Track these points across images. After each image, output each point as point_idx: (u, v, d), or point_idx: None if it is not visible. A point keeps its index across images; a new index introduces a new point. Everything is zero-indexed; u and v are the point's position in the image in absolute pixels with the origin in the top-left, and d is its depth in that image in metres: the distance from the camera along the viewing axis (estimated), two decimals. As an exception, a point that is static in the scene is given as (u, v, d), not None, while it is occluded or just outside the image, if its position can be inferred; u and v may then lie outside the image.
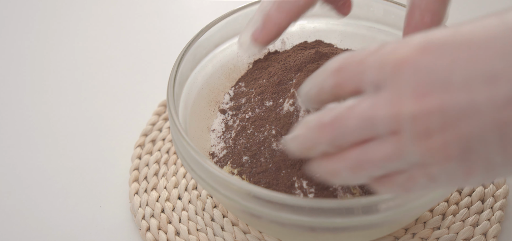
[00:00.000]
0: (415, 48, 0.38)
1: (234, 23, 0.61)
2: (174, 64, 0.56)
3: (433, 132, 0.37)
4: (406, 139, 0.38)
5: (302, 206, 0.46)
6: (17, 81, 0.75)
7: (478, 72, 0.36)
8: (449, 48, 0.37)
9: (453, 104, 0.37)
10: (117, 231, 0.58)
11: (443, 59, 0.37)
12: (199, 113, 0.59)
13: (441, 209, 0.57)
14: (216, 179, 0.49)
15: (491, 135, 0.36)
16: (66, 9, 0.85)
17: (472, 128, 0.36)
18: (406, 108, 0.38)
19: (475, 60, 0.36)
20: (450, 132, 0.37)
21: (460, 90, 0.36)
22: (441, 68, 0.37)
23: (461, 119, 0.37)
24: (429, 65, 0.37)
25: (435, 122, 0.37)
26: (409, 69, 0.38)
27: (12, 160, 0.65)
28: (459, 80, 0.36)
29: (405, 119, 0.38)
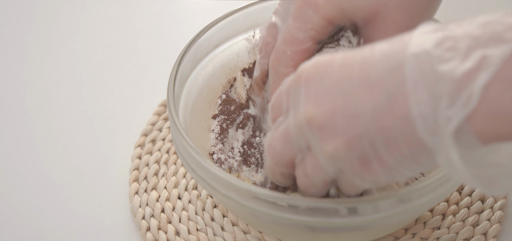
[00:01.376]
0: (305, 66, 0.44)
1: (235, 23, 0.61)
2: (175, 64, 0.56)
3: (329, 137, 0.42)
4: (315, 149, 0.44)
5: (302, 206, 0.46)
6: (17, 81, 0.75)
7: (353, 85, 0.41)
8: (332, 67, 0.42)
9: (341, 110, 0.41)
10: (117, 231, 0.58)
11: (330, 74, 0.42)
12: (199, 113, 0.59)
13: (441, 209, 0.57)
14: (216, 179, 0.49)
15: (376, 137, 0.40)
16: (66, 9, 0.85)
17: (358, 130, 0.41)
18: (302, 117, 0.43)
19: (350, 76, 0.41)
20: (342, 135, 0.41)
21: (344, 99, 0.41)
22: (328, 81, 0.42)
23: (349, 124, 0.41)
24: (318, 79, 0.43)
25: (328, 128, 0.42)
26: (301, 84, 0.43)
27: (12, 160, 0.65)
28: (343, 90, 0.41)
29: (305, 128, 0.43)
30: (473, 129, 0.36)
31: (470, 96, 0.36)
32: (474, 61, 0.36)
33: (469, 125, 0.36)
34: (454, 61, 0.36)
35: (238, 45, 0.62)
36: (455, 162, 0.37)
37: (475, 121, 0.36)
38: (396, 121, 0.39)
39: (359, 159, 0.42)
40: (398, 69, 0.39)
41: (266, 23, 0.54)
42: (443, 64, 0.37)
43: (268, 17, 0.55)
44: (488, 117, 0.36)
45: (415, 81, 0.38)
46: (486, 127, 0.36)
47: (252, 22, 0.61)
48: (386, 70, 0.39)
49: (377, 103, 0.40)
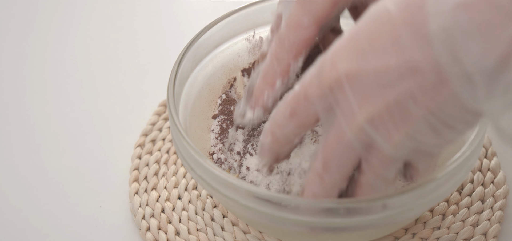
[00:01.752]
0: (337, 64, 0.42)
1: (235, 23, 0.61)
2: (175, 64, 0.56)
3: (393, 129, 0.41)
4: (381, 145, 0.42)
5: (302, 206, 0.46)
6: (17, 81, 0.75)
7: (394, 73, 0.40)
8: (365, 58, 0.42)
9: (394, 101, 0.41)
10: (117, 231, 0.58)
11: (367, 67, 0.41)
12: (199, 113, 0.59)
13: (441, 209, 0.57)
14: (216, 179, 0.49)
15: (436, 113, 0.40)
16: (66, 9, 0.85)
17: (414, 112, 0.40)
18: (361, 119, 0.42)
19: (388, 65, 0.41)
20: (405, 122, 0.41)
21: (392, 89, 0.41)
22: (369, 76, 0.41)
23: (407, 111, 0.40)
24: (359, 77, 0.42)
25: (388, 121, 0.41)
26: (344, 86, 0.42)
27: (12, 160, 0.65)
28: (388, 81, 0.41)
29: (367, 128, 0.42)
30: None
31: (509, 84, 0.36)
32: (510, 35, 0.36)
33: None
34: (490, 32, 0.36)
35: (238, 45, 0.62)
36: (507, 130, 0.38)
37: None
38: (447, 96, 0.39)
39: (429, 129, 0.41)
40: (428, 45, 0.39)
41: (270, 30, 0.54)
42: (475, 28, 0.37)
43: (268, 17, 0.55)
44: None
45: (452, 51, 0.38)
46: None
47: (252, 22, 0.61)
48: (418, 48, 0.39)
49: (425, 84, 0.39)
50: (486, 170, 0.60)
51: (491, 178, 0.59)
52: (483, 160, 0.61)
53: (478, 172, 0.60)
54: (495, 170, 0.60)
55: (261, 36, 0.61)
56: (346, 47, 0.43)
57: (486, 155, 0.61)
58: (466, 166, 0.49)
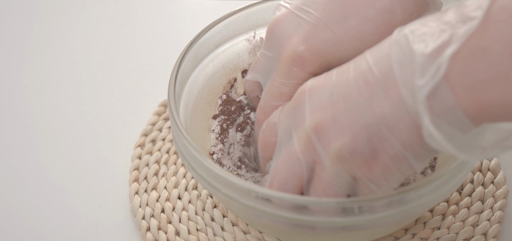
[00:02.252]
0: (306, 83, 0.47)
1: (235, 23, 0.61)
2: (175, 64, 0.56)
3: (333, 139, 0.44)
4: (322, 157, 0.45)
5: (302, 206, 0.46)
6: (17, 81, 0.75)
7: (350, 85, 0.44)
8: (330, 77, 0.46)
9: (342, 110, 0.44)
10: (117, 231, 0.58)
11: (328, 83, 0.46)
12: (200, 113, 0.59)
13: (441, 209, 0.57)
14: (217, 178, 0.49)
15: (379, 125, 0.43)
16: (66, 9, 0.85)
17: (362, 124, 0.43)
18: (308, 126, 0.45)
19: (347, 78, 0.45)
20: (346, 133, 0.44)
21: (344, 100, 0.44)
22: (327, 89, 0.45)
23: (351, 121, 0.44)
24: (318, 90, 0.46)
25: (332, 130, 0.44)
26: (305, 98, 0.47)
27: (12, 160, 0.65)
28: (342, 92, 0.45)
29: (312, 136, 0.45)
30: (460, 104, 0.39)
31: (439, 66, 0.39)
32: (443, 39, 0.39)
33: (455, 98, 0.39)
34: (427, 41, 0.40)
35: (238, 45, 0.62)
36: (430, 129, 0.40)
37: (459, 95, 0.39)
38: (393, 105, 0.42)
39: (367, 151, 0.43)
40: (386, 57, 0.42)
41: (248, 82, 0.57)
42: (417, 44, 0.40)
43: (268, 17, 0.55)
44: (468, 88, 0.39)
45: (400, 62, 0.41)
46: (469, 99, 0.39)
47: (252, 23, 0.61)
48: (376, 62, 0.43)
49: (374, 93, 0.42)
50: (486, 170, 0.60)
51: (491, 178, 0.59)
52: (483, 160, 0.61)
53: (478, 172, 0.60)
54: (495, 170, 0.60)
55: (261, 36, 0.61)
56: (318, 76, 0.47)
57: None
58: (466, 166, 0.49)
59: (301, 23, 0.52)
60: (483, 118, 0.39)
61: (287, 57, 0.52)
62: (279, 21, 0.53)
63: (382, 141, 0.43)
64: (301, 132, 0.46)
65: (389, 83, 0.42)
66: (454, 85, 0.39)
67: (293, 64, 0.52)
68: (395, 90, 0.41)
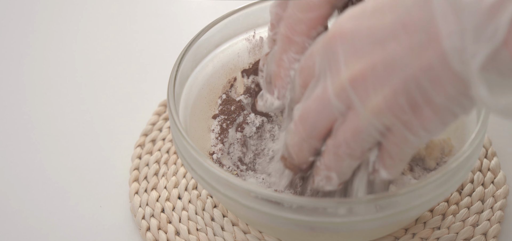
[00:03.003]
0: (339, 23, 0.42)
1: (235, 23, 0.61)
2: (175, 64, 0.56)
3: (372, 91, 0.41)
4: (358, 108, 0.42)
5: (302, 206, 0.46)
6: (17, 81, 0.75)
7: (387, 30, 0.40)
8: (364, 17, 0.41)
9: (380, 60, 0.40)
10: (117, 231, 0.58)
11: (362, 25, 0.41)
12: (200, 113, 0.59)
13: (441, 209, 0.57)
14: (217, 179, 0.49)
15: (421, 78, 0.39)
16: (66, 9, 0.85)
17: (403, 77, 0.40)
18: (344, 77, 0.42)
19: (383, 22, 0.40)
20: (386, 86, 0.40)
21: (382, 47, 0.40)
22: (362, 33, 0.41)
23: (391, 72, 0.40)
24: (353, 34, 0.42)
25: (370, 81, 0.41)
26: (337, 43, 0.42)
27: (12, 160, 0.65)
28: (379, 38, 0.40)
29: (347, 88, 0.42)
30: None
31: (496, 30, 0.34)
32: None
33: (508, 50, 0.35)
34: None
35: (238, 45, 0.62)
36: (487, 100, 0.36)
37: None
38: (435, 57, 0.38)
39: (408, 105, 0.40)
40: (427, 2, 0.38)
41: None
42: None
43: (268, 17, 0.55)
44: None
45: (444, 12, 0.37)
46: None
47: (252, 22, 0.61)
48: (416, 5, 0.38)
49: (414, 43, 0.39)
50: (486, 170, 0.60)
51: (491, 178, 0.59)
52: (483, 160, 0.61)
53: (478, 172, 0.60)
54: (495, 170, 0.60)
55: (261, 36, 0.61)
56: (352, 11, 0.43)
57: (486, 155, 0.61)
58: (466, 166, 0.49)
59: None
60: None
61: None
62: None
63: (423, 94, 0.39)
64: (336, 79, 0.42)
65: (431, 34, 0.38)
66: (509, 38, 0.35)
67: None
68: (437, 43, 0.37)
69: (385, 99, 0.40)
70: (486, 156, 0.61)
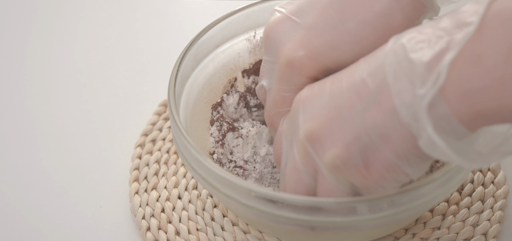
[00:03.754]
0: (300, 93, 0.48)
1: (236, 23, 0.61)
2: (175, 63, 0.56)
3: (328, 146, 0.44)
4: (319, 165, 0.46)
5: (302, 205, 0.46)
6: (17, 81, 0.75)
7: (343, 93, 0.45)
8: (324, 85, 0.47)
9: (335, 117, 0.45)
10: (117, 231, 0.58)
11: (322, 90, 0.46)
12: (200, 112, 0.59)
13: (441, 209, 0.57)
14: (217, 178, 0.49)
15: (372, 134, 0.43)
16: (66, 9, 0.85)
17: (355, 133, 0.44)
18: (302, 134, 0.46)
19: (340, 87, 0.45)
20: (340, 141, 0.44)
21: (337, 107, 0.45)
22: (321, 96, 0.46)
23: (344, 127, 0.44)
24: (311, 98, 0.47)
25: (326, 136, 0.45)
26: (299, 108, 0.47)
27: (12, 160, 0.65)
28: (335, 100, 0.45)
29: (306, 144, 0.46)
30: (454, 112, 0.39)
31: (439, 74, 0.39)
32: (441, 46, 0.39)
33: (449, 107, 0.39)
34: (424, 49, 0.40)
35: (239, 45, 0.62)
36: (433, 137, 0.40)
37: (452, 103, 0.39)
38: (385, 116, 0.41)
39: (360, 161, 0.43)
40: (380, 68, 0.42)
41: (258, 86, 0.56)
42: (415, 53, 0.40)
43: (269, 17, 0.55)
44: (462, 96, 0.38)
45: (394, 72, 0.41)
46: (463, 107, 0.39)
47: (253, 22, 0.61)
48: (370, 72, 0.43)
49: (366, 103, 0.42)
50: (486, 170, 0.60)
51: (491, 178, 0.59)
52: (483, 160, 0.61)
53: (478, 172, 0.60)
54: (495, 170, 0.60)
55: (261, 36, 0.61)
56: (313, 84, 0.48)
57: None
58: (466, 166, 0.49)
59: (296, 28, 0.51)
60: (478, 124, 0.39)
61: (283, 62, 0.51)
62: (274, 25, 0.53)
63: (374, 151, 0.43)
64: (298, 142, 0.47)
65: (382, 94, 0.41)
66: (448, 94, 0.39)
67: (290, 69, 0.51)
68: (388, 101, 0.41)
69: (339, 155, 0.44)
70: (486, 156, 0.61)
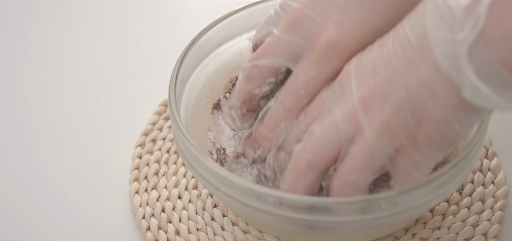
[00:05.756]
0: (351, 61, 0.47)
1: (237, 22, 0.61)
2: (176, 62, 0.56)
3: (379, 109, 0.44)
4: (366, 129, 0.45)
5: (301, 204, 0.46)
6: (17, 81, 0.75)
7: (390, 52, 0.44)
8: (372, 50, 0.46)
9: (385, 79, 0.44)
10: (117, 231, 0.58)
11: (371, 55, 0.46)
12: (201, 112, 0.59)
13: (441, 209, 0.57)
14: (217, 177, 0.49)
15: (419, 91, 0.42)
16: (66, 9, 0.85)
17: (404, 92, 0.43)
18: (355, 99, 0.45)
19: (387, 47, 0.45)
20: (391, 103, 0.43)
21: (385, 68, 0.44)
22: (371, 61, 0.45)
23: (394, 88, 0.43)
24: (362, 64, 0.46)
25: (377, 100, 0.44)
26: (350, 75, 0.46)
27: (12, 160, 0.65)
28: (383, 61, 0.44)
29: (358, 109, 0.45)
30: (497, 57, 0.38)
31: (478, 17, 0.38)
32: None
33: (492, 53, 0.38)
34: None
35: (240, 44, 0.62)
36: (475, 82, 0.39)
37: (495, 48, 0.38)
38: (429, 70, 0.41)
39: (412, 120, 0.43)
40: (421, 20, 0.42)
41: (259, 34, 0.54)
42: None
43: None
44: (504, 39, 0.38)
45: (434, 22, 0.40)
46: (506, 51, 0.38)
47: (254, 22, 0.61)
48: (412, 26, 0.42)
49: (411, 59, 0.42)
50: (487, 170, 0.60)
51: (491, 178, 0.59)
52: (484, 160, 0.61)
53: (478, 172, 0.60)
54: (496, 171, 0.60)
55: None
56: (361, 52, 0.47)
57: (487, 155, 0.61)
58: (467, 166, 0.49)
59: (330, 8, 0.50)
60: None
61: (325, 44, 0.50)
62: (307, 6, 0.51)
63: (423, 108, 0.42)
64: (346, 105, 0.46)
65: (424, 47, 0.41)
66: (489, 39, 0.38)
67: (332, 50, 0.50)
68: (429, 53, 0.41)
69: (391, 116, 0.43)
70: (487, 157, 0.61)
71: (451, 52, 0.40)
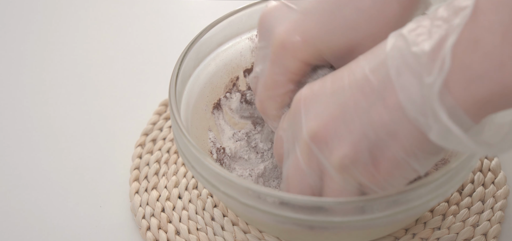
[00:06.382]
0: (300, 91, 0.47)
1: (238, 22, 0.61)
2: (177, 62, 0.56)
3: (335, 145, 0.44)
4: (326, 166, 0.45)
5: (301, 204, 0.46)
6: (17, 81, 0.75)
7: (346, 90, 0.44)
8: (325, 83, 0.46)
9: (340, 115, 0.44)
10: (117, 231, 0.58)
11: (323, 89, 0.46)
12: (201, 112, 0.59)
13: (442, 210, 0.57)
14: (217, 177, 0.49)
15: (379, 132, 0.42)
16: (66, 9, 0.85)
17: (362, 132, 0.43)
18: (305, 134, 0.45)
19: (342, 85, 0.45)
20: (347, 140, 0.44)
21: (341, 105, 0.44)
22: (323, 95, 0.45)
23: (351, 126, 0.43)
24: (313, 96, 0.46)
25: (332, 135, 0.44)
26: (300, 106, 0.46)
27: (12, 160, 0.65)
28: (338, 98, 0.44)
29: (310, 145, 0.45)
30: (459, 103, 0.39)
31: (443, 60, 0.39)
32: (441, 33, 0.39)
33: (454, 98, 0.39)
34: (425, 40, 0.40)
35: (241, 44, 0.62)
36: (448, 124, 0.39)
37: (457, 94, 0.39)
38: (391, 112, 0.41)
39: (368, 160, 0.43)
40: (382, 64, 0.42)
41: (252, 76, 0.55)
42: (417, 45, 0.40)
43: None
44: (466, 84, 0.38)
45: (397, 67, 0.41)
46: (468, 96, 0.38)
47: (255, 22, 0.61)
48: (372, 69, 0.42)
49: (371, 101, 0.42)
50: (487, 170, 0.60)
51: (491, 178, 0.59)
52: (484, 161, 0.61)
53: (478, 173, 0.60)
54: (496, 171, 0.60)
55: None
56: (312, 82, 0.47)
57: (487, 155, 0.61)
58: (467, 166, 0.49)
59: (292, 12, 0.51)
60: (483, 112, 0.39)
61: (276, 44, 0.51)
62: (269, 11, 0.52)
63: (382, 148, 0.43)
64: (302, 142, 0.46)
65: (387, 90, 0.41)
66: (452, 85, 0.39)
67: (283, 51, 0.50)
68: (393, 97, 0.41)
69: (348, 154, 0.43)
70: (487, 157, 0.61)
71: (418, 96, 0.40)
